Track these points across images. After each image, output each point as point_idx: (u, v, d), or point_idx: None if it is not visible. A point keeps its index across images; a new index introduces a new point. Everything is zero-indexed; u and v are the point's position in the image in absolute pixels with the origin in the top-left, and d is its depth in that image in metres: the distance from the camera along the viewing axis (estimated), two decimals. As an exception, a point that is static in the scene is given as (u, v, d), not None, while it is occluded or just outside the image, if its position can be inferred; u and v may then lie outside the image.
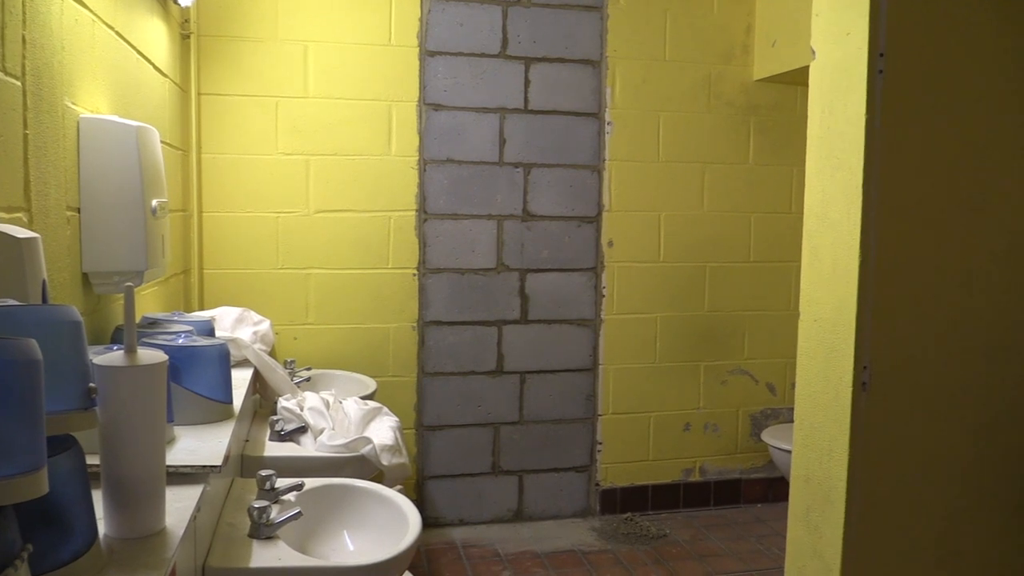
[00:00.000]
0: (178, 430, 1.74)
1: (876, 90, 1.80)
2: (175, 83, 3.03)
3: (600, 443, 3.88)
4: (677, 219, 3.88)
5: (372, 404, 2.66)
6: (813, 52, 1.96)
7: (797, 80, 3.77)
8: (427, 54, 3.56)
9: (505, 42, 3.63)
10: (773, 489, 4.12)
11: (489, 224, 3.68)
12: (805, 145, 1.99)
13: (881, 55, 1.80)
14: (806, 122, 1.99)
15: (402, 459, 2.44)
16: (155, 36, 2.69)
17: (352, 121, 3.50)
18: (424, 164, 3.59)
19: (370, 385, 3.24)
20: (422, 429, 3.69)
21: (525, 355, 3.77)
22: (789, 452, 2.08)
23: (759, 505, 4.12)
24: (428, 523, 3.65)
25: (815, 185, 1.96)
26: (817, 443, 1.93)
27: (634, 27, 3.75)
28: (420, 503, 3.68)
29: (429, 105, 3.58)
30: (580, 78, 3.73)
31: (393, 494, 2.08)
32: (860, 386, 1.82)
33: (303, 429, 2.49)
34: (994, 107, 1.94)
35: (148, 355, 1.21)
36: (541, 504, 3.86)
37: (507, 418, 3.78)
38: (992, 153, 1.95)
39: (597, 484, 3.90)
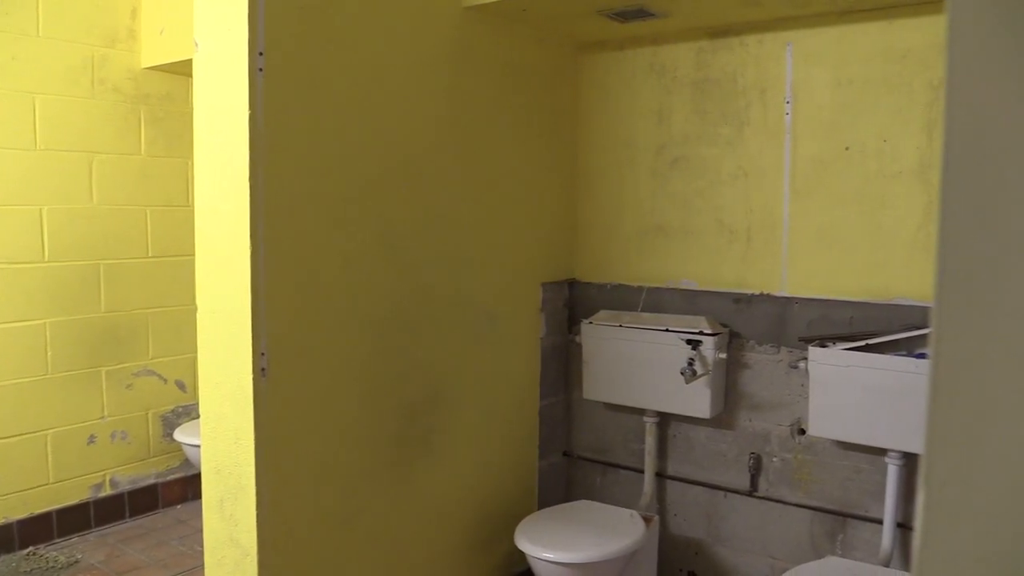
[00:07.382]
0: None
1: (257, 87, 1.87)
2: None
3: (-15, 474, 3.35)
4: (63, 214, 3.51)
5: None
6: (197, 45, 1.96)
7: (188, 71, 3.72)
8: None
9: None
10: (192, 487, 4.04)
11: None
12: (194, 138, 1.99)
13: (261, 54, 1.87)
14: (195, 115, 1.99)
15: None
16: None
17: None
18: None
19: None
20: None
21: None
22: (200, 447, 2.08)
23: (179, 506, 4.02)
24: None
25: (205, 179, 1.97)
26: (224, 433, 1.96)
27: (-7, -6, 3.27)
28: None
29: None
30: (-76, 47, 3.13)
31: None
32: (260, 372, 1.89)
33: None
34: (367, 108, 2.17)
35: None
36: (-93, 561, 3.18)
37: None
38: (370, 149, 2.19)
39: (-15, 522, 3.37)
